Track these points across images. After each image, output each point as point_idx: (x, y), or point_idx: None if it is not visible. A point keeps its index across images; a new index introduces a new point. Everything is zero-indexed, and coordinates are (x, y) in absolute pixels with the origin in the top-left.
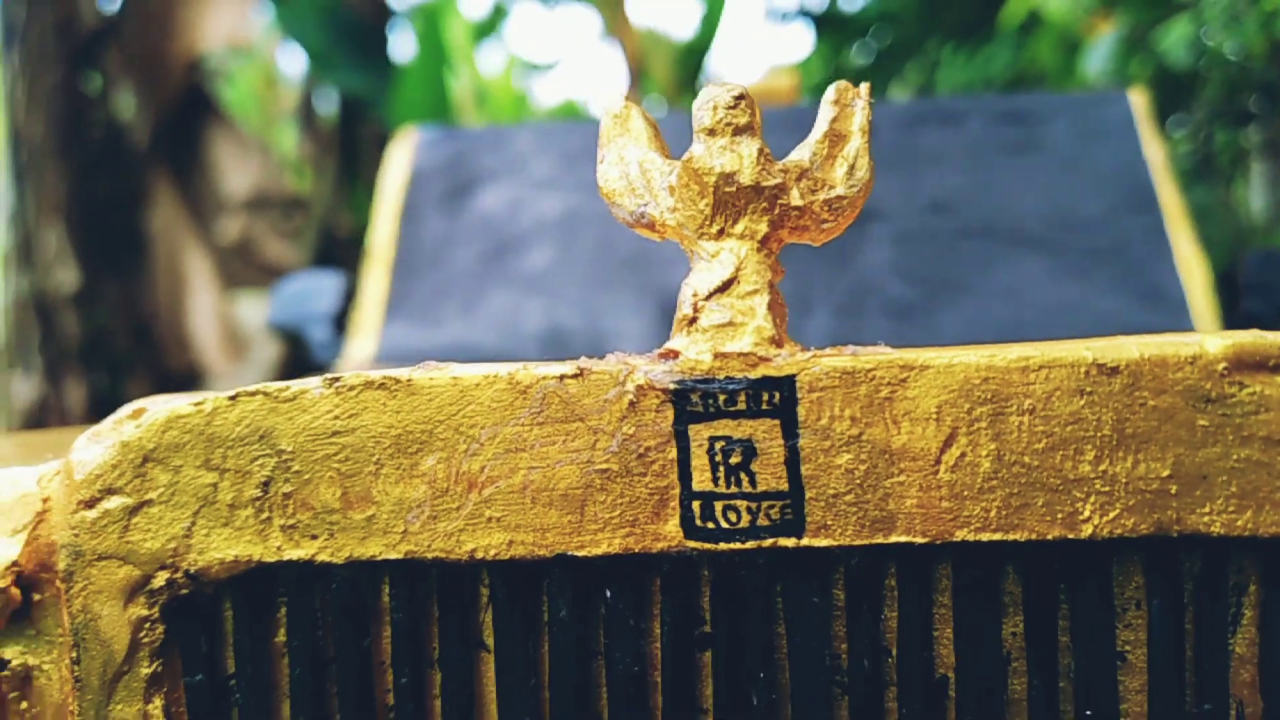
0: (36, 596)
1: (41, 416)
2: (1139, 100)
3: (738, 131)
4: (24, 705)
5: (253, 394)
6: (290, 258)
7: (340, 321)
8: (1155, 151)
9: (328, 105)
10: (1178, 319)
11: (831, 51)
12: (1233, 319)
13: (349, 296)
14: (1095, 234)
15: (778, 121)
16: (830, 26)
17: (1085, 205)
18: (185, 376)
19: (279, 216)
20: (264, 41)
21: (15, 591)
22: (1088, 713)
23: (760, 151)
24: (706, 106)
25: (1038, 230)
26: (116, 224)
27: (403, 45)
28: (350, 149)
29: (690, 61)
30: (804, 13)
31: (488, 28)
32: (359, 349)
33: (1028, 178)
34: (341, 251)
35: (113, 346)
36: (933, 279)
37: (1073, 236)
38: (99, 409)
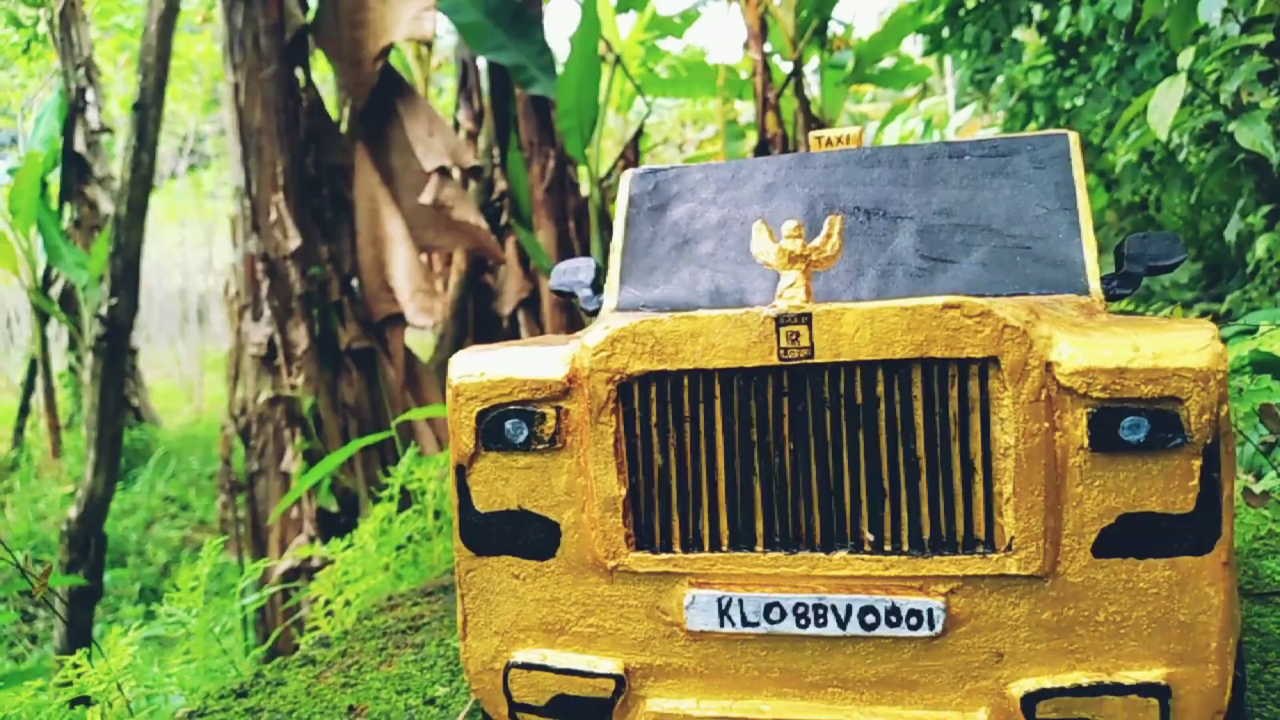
0: (569, 386)
1: (271, 353)
2: (1074, 138)
3: (796, 238)
4: (549, 430)
5: (648, 319)
6: (473, 218)
7: (594, 286)
8: (1079, 172)
9: (479, 74)
10: (1076, 276)
11: None
12: (1118, 276)
13: (599, 271)
14: (1035, 226)
15: (851, 159)
16: None
17: (1031, 208)
18: (386, 321)
19: (462, 183)
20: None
21: (566, 382)
22: (876, 396)
23: (803, 243)
24: (786, 229)
25: (1000, 225)
26: (326, 193)
27: (551, 19)
28: (503, 116)
29: (812, 13)
30: None
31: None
32: (607, 303)
33: (999, 192)
34: (498, 209)
35: (326, 296)
36: (936, 256)
37: (1021, 228)
38: (319, 347)
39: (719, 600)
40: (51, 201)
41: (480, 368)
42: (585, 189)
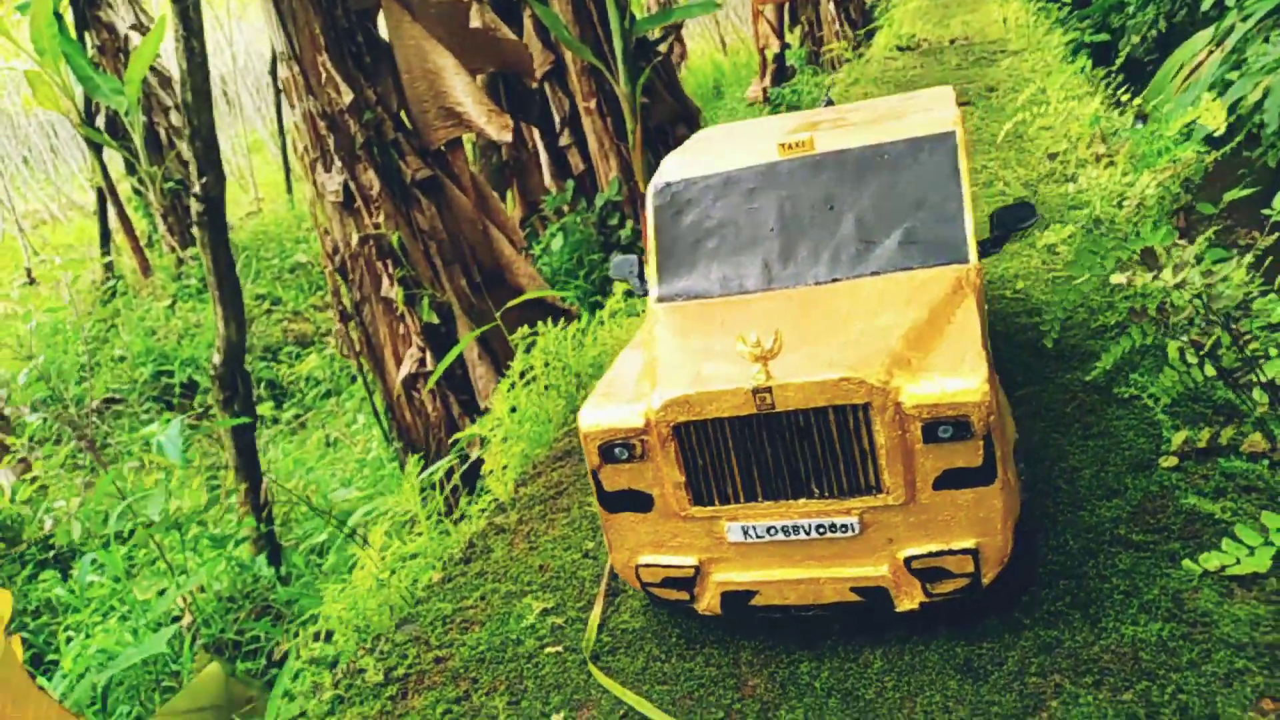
0: (645, 429)
1: (349, 198)
2: (960, 135)
3: (759, 345)
4: (638, 451)
5: (684, 394)
6: (512, 36)
7: (640, 276)
8: (964, 161)
9: None
10: (959, 249)
11: None
12: (990, 240)
13: (642, 264)
14: (932, 211)
15: (807, 164)
16: None
17: (931, 197)
18: (445, 147)
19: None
20: None
21: (644, 426)
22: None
23: (763, 347)
24: (750, 340)
25: (909, 211)
26: (360, 40)
27: None
28: None
29: None
30: None
31: None
32: (652, 293)
33: (909, 185)
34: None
35: (382, 136)
36: (868, 239)
37: (923, 213)
38: (389, 184)
39: (743, 526)
40: (70, 33)
41: (596, 421)
42: None
